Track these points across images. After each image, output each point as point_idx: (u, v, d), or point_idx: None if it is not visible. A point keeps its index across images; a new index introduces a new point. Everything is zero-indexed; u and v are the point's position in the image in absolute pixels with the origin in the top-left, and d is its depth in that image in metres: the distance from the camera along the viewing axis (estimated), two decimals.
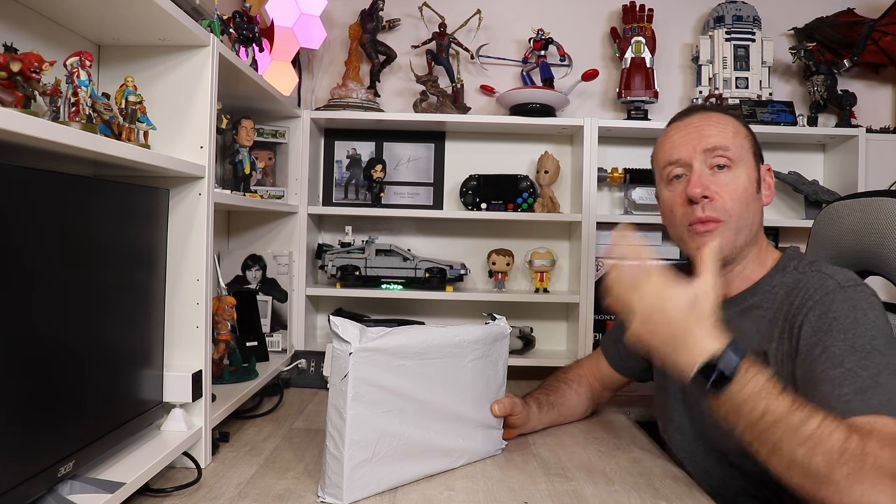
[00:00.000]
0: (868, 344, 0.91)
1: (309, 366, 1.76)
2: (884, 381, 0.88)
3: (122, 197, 0.99)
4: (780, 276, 1.08)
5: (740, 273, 1.11)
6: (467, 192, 1.99)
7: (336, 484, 0.98)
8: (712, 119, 1.11)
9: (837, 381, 0.89)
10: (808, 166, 2.11)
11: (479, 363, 1.17)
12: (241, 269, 1.85)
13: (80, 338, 0.88)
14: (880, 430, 0.83)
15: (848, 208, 1.19)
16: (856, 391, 0.88)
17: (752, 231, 1.08)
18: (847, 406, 0.87)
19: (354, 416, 0.98)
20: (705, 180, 1.06)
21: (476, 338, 1.16)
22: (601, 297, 1.95)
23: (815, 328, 0.96)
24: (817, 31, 2.10)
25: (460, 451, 1.14)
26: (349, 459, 0.98)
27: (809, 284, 1.01)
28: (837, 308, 0.95)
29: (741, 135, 1.10)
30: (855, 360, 0.90)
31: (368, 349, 0.99)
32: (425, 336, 1.08)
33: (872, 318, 0.94)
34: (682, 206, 1.09)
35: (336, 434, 0.99)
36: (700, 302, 0.91)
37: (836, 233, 1.21)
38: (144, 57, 1.15)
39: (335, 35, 2.12)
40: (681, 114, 1.17)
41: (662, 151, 1.14)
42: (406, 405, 1.05)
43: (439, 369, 1.09)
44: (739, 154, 1.08)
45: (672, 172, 1.11)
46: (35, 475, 0.77)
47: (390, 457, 1.03)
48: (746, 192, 1.07)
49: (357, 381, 0.98)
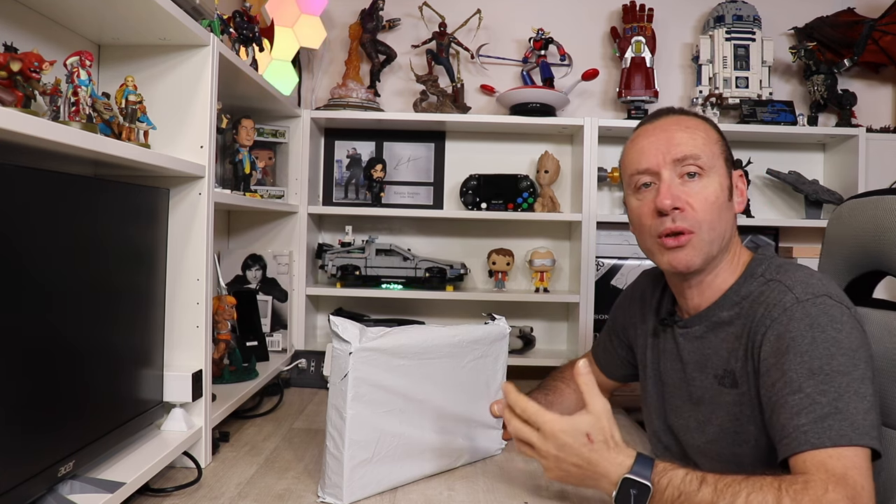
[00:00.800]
0: (826, 365, 0.88)
1: (309, 366, 1.76)
2: (843, 405, 0.85)
3: (122, 197, 0.99)
4: (749, 284, 1.03)
5: (712, 283, 1.06)
6: (467, 191, 1.99)
7: (336, 484, 0.98)
8: (682, 124, 1.05)
9: (796, 408, 0.87)
10: (808, 166, 2.11)
11: (479, 363, 1.17)
12: (241, 268, 1.85)
13: (80, 337, 0.88)
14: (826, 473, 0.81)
15: (859, 207, 1.17)
16: (814, 419, 0.85)
17: (724, 240, 1.04)
18: (805, 438, 0.84)
19: (354, 416, 0.98)
20: (675, 190, 1.01)
21: (476, 338, 1.16)
22: (600, 297, 1.96)
23: (774, 350, 0.93)
24: (817, 31, 2.10)
25: (460, 451, 1.14)
26: (349, 459, 0.98)
27: (770, 299, 0.97)
28: (794, 327, 0.91)
29: (712, 140, 1.05)
30: (813, 385, 0.87)
31: (368, 349, 0.99)
32: (425, 336, 1.08)
33: (832, 335, 0.89)
34: (650, 217, 1.03)
35: (336, 434, 0.99)
36: (594, 431, 0.90)
37: (848, 233, 1.18)
38: (144, 57, 1.15)
39: (335, 35, 2.12)
40: (650, 117, 1.11)
41: (630, 158, 1.09)
42: (406, 405, 1.05)
43: (439, 369, 1.09)
44: (711, 162, 1.02)
45: (640, 181, 1.05)
46: (35, 475, 0.77)
47: (390, 457, 1.02)
48: (718, 201, 1.01)
49: (357, 380, 0.98)
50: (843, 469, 0.81)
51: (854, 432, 0.83)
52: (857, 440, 0.83)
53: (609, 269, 2.07)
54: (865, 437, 0.84)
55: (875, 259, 1.13)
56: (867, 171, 1.94)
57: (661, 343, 1.16)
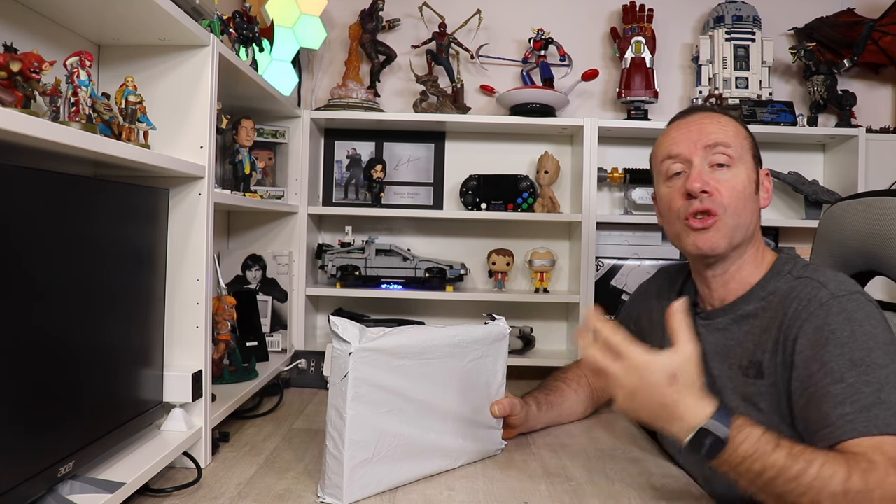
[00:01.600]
0: (867, 357, 0.90)
1: (309, 366, 1.76)
2: (885, 396, 0.87)
3: (122, 197, 0.99)
4: (776, 280, 1.06)
5: (736, 275, 1.09)
6: (467, 192, 1.99)
7: (336, 484, 0.98)
8: (714, 118, 1.11)
9: (840, 398, 0.89)
10: (808, 166, 2.11)
11: (479, 363, 1.17)
12: (241, 269, 1.85)
13: (80, 338, 0.88)
14: (884, 456, 0.82)
15: (851, 208, 1.18)
16: (859, 409, 0.87)
17: (748, 230, 1.07)
18: (851, 426, 0.86)
19: (354, 416, 0.98)
20: (705, 176, 1.05)
21: (476, 338, 1.16)
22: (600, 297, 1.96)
23: (812, 342, 0.95)
24: (817, 31, 2.10)
25: (460, 451, 1.14)
26: (349, 459, 0.98)
27: (803, 294, 0.99)
28: (833, 321, 0.94)
29: (741, 135, 1.10)
30: (855, 375, 0.89)
31: (368, 349, 0.99)
32: (425, 336, 1.08)
33: (869, 330, 0.92)
34: (680, 200, 1.08)
35: (336, 434, 0.99)
36: (681, 373, 0.89)
37: (841, 233, 1.20)
38: (144, 57, 1.15)
39: (335, 35, 2.12)
40: (682, 112, 1.17)
41: (662, 147, 1.13)
42: (406, 405, 1.05)
43: (439, 369, 1.09)
44: (739, 153, 1.07)
45: (671, 169, 1.10)
46: (35, 475, 0.77)
47: (390, 457, 1.02)
48: (745, 191, 1.06)
49: (357, 381, 0.98)
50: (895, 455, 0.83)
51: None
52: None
53: (609, 269, 2.07)
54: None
55: (867, 259, 1.14)
56: (867, 171, 1.94)
57: None
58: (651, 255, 2.06)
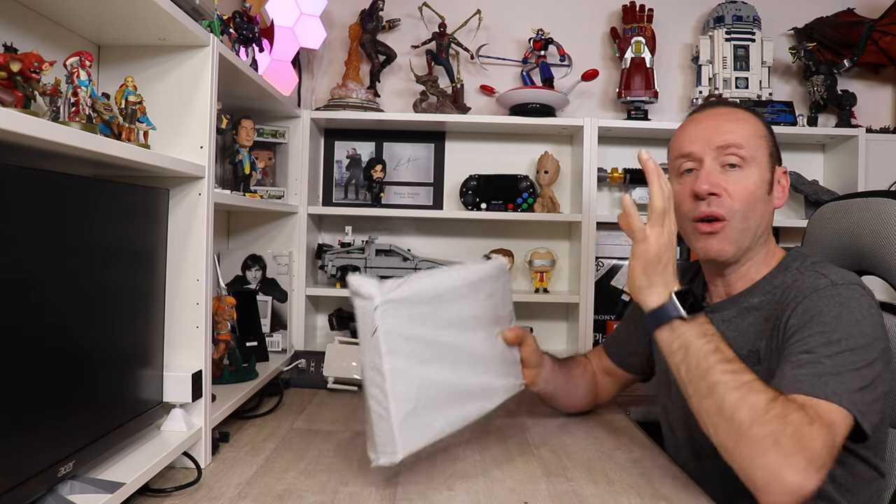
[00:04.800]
0: (844, 340, 0.90)
1: (309, 366, 1.76)
2: (845, 374, 0.87)
3: (122, 197, 0.99)
4: (782, 276, 1.07)
5: (745, 274, 1.11)
6: (467, 192, 1.99)
7: (388, 441, 0.97)
8: (732, 115, 1.10)
9: (801, 363, 0.91)
10: (808, 166, 2.11)
11: (490, 301, 1.17)
12: (241, 269, 1.85)
13: (80, 338, 0.88)
14: (815, 410, 0.84)
15: (843, 209, 1.19)
16: (813, 375, 0.88)
17: (758, 232, 1.07)
18: (799, 384, 0.88)
19: (393, 369, 0.97)
20: (714, 177, 1.05)
21: (482, 276, 1.16)
22: (600, 297, 1.96)
23: (798, 322, 0.96)
24: (817, 31, 2.10)
25: (494, 389, 1.14)
26: (396, 412, 0.97)
27: (804, 283, 1.00)
28: (823, 303, 0.95)
29: (759, 135, 1.09)
30: (824, 350, 0.90)
31: (391, 300, 0.98)
32: (439, 280, 1.08)
33: (858, 318, 0.93)
34: (688, 201, 1.08)
35: (378, 392, 0.98)
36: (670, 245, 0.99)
37: (831, 233, 1.21)
38: (144, 57, 1.15)
39: (335, 35, 2.12)
40: (701, 106, 1.16)
41: (677, 143, 1.14)
42: (437, 351, 1.04)
43: (456, 311, 1.09)
44: (753, 154, 1.06)
45: (683, 166, 1.11)
46: (35, 475, 0.77)
47: (432, 404, 1.02)
48: (755, 193, 1.06)
49: (387, 333, 0.97)
50: (830, 420, 0.84)
51: (846, 396, 0.86)
52: (847, 404, 0.86)
53: (609, 269, 2.07)
54: (853, 406, 0.86)
55: (858, 259, 1.15)
56: (867, 171, 1.94)
57: None
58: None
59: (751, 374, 0.89)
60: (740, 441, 0.84)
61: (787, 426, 0.81)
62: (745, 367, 0.90)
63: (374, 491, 1.04)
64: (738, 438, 0.85)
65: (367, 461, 1.17)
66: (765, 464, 0.81)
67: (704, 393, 0.90)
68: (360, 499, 1.01)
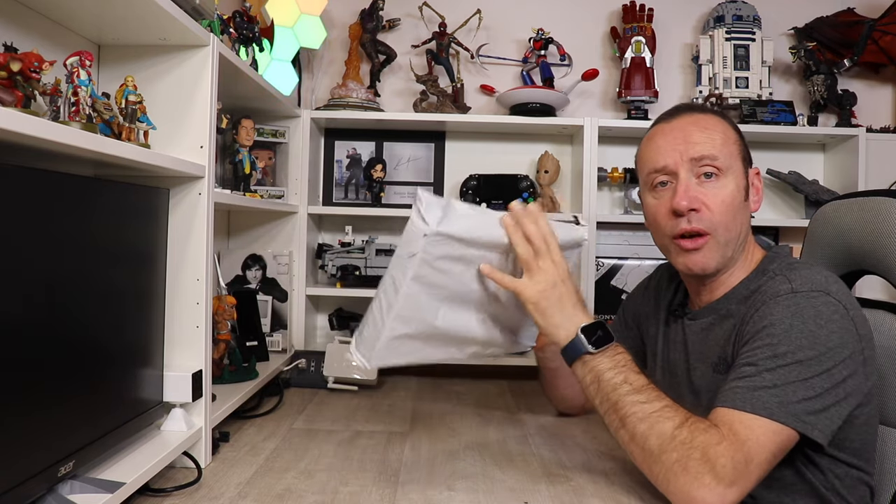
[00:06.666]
0: (791, 354, 0.89)
1: (309, 366, 1.76)
2: (784, 387, 0.87)
3: (122, 197, 0.99)
4: (758, 279, 1.04)
5: (725, 280, 1.08)
6: (467, 191, 1.98)
7: (370, 346, 0.97)
8: (699, 123, 1.05)
9: (741, 375, 0.91)
10: (808, 166, 2.11)
11: None
12: (241, 268, 1.85)
13: (80, 337, 0.88)
14: (733, 426, 0.86)
15: (844, 208, 1.19)
16: (749, 388, 0.89)
17: (739, 240, 1.05)
18: (731, 397, 0.89)
19: (409, 295, 0.95)
20: (692, 191, 1.02)
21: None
22: (600, 297, 1.96)
23: (752, 330, 0.95)
24: (817, 31, 2.10)
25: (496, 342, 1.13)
26: (390, 330, 0.96)
27: (767, 288, 0.98)
28: (777, 313, 0.93)
29: (730, 140, 1.05)
30: (767, 364, 0.89)
31: (442, 234, 0.94)
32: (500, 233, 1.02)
33: (811, 329, 0.90)
34: (666, 217, 1.05)
35: (385, 302, 0.96)
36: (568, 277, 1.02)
37: (832, 233, 1.20)
38: (144, 57, 1.15)
39: (335, 35, 2.12)
40: (666, 114, 1.11)
41: (647, 157, 1.09)
42: (458, 291, 1.01)
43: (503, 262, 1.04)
44: (728, 163, 1.03)
45: (657, 179, 1.07)
46: (35, 475, 0.77)
47: (426, 336, 1.01)
48: (734, 203, 1.02)
49: (423, 262, 0.94)
50: (746, 436, 0.85)
51: (780, 409, 0.86)
52: (778, 416, 0.86)
53: (609, 269, 2.07)
54: (791, 417, 0.86)
55: (858, 259, 1.15)
56: (867, 171, 1.94)
57: (672, 333, 1.17)
58: (651, 255, 2.06)
59: (661, 401, 0.92)
60: (654, 467, 0.90)
61: (693, 450, 0.85)
62: (656, 395, 0.93)
63: (373, 491, 1.04)
64: (651, 464, 0.90)
65: (367, 461, 1.17)
66: (678, 488, 0.86)
67: (618, 424, 0.94)
68: (360, 499, 1.01)
